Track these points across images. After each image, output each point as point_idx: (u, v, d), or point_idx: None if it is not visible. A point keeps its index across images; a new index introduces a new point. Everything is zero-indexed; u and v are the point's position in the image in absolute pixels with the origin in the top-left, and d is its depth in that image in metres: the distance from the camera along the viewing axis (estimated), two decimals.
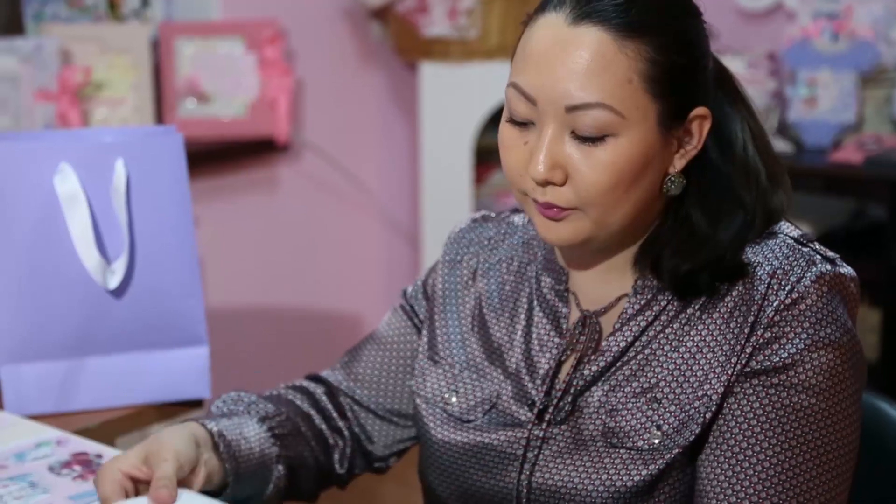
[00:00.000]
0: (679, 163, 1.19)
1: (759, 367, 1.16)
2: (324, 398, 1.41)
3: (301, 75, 3.28)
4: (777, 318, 1.16)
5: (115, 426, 1.66)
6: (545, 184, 1.16)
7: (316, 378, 1.47)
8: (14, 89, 2.74)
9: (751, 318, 1.17)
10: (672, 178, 1.19)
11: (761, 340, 1.16)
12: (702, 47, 1.19)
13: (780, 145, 2.96)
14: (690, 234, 1.20)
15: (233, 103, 3.10)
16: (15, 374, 1.64)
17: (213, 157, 3.08)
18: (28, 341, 1.63)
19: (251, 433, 1.30)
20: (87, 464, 1.45)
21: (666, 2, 1.17)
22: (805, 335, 1.15)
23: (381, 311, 3.61)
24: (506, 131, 1.19)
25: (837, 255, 1.22)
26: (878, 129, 2.95)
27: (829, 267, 1.18)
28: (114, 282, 1.63)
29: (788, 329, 1.15)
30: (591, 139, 1.14)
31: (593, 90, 1.13)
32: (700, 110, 1.18)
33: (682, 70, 1.16)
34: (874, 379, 2.80)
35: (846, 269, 1.20)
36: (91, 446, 1.50)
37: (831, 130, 2.96)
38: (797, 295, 1.16)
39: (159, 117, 3.04)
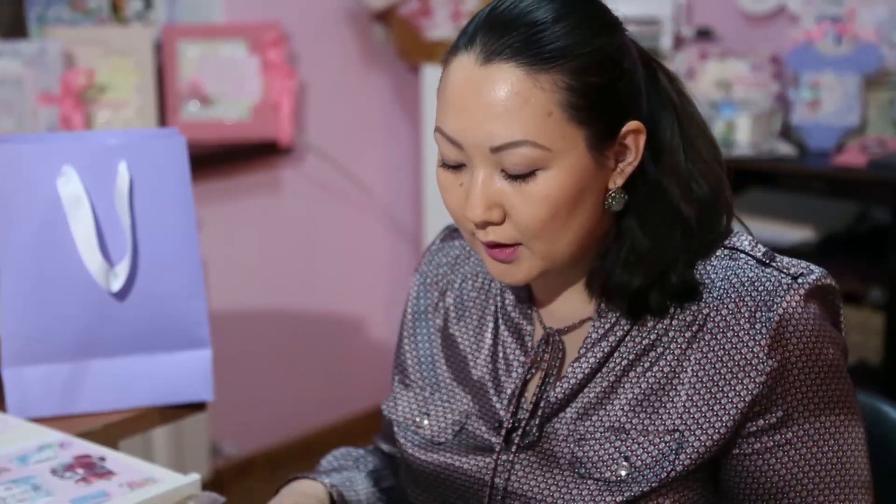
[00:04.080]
0: (619, 179, 1.17)
1: (767, 423, 1.15)
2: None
3: (304, 78, 3.28)
4: (768, 365, 1.13)
5: (118, 429, 1.66)
6: (485, 225, 1.16)
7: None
8: (17, 92, 2.74)
9: (732, 364, 1.14)
10: (613, 195, 1.17)
11: (756, 395, 1.14)
12: (622, 62, 1.15)
13: (784, 148, 2.95)
14: (632, 249, 1.18)
15: (236, 106, 3.10)
16: (18, 376, 1.64)
17: (216, 159, 3.08)
18: (31, 344, 1.63)
19: (361, 487, 1.33)
20: (90, 466, 1.45)
21: (577, 25, 1.13)
22: (803, 377, 1.14)
23: (384, 313, 3.62)
24: (441, 175, 1.18)
25: (802, 263, 1.18)
26: (882, 132, 2.95)
27: (799, 285, 1.15)
28: (117, 284, 1.63)
29: (782, 379, 1.14)
30: (522, 176, 1.13)
31: (514, 129, 1.11)
32: (632, 125, 1.16)
33: (603, 90, 1.12)
34: (877, 382, 2.80)
35: (815, 275, 1.17)
36: (94, 449, 1.50)
37: (834, 133, 2.96)
38: (780, 335, 1.13)
39: (162, 120, 3.04)
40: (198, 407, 1.73)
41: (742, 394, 1.14)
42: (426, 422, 1.29)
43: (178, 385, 1.69)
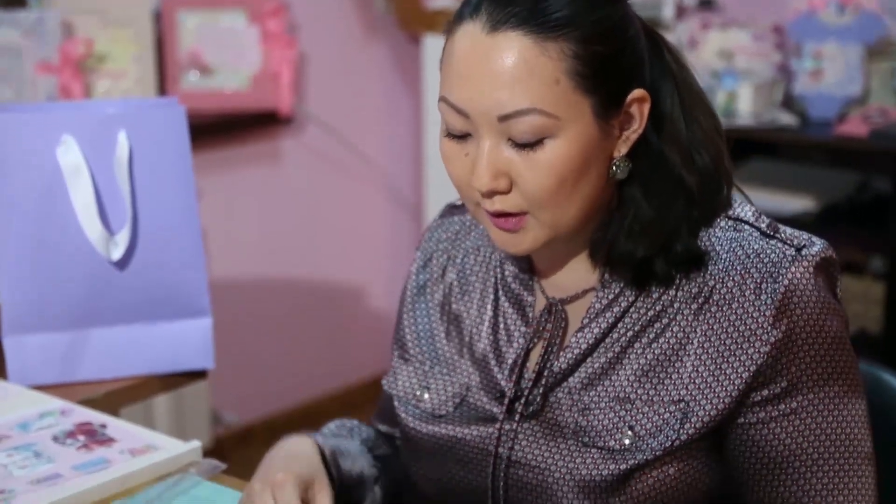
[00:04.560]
0: (623, 147, 1.17)
1: (771, 393, 1.15)
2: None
3: (304, 48, 3.27)
4: (773, 335, 1.14)
5: (118, 396, 1.67)
6: (491, 194, 1.16)
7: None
8: (16, 62, 2.74)
9: (738, 335, 1.15)
10: (617, 163, 1.17)
11: (761, 365, 1.14)
12: (627, 31, 1.15)
13: (785, 118, 2.95)
14: (635, 217, 1.18)
15: (235, 76, 3.09)
16: (18, 344, 1.64)
17: (215, 129, 3.07)
18: (31, 312, 1.63)
19: (355, 454, 1.33)
20: (91, 434, 1.45)
21: None
22: (807, 348, 1.15)
23: (384, 283, 3.62)
24: (445, 145, 1.18)
25: (804, 234, 1.19)
26: (884, 102, 2.94)
27: (803, 257, 1.15)
28: (117, 253, 1.63)
29: (787, 350, 1.14)
30: (529, 144, 1.13)
31: (522, 97, 1.11)
32: (637, 93, 1.16)
33: (609, 59, 1.13)
34: (877, 351, 2.81)
35: (818, 247, 1.17)
36: (95, 416, 1.50)
37: (836, 103, 2.95)
38: (785, 306, 1.14)
39: (162, 90, 3.03)
40: (198, 375, 1.74)
41: (746, 363, 1.15)
42: (426, 395, 1.30)
43: (179, 353, 1.69)
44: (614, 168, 1.17)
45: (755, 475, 1.17)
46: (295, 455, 1.24)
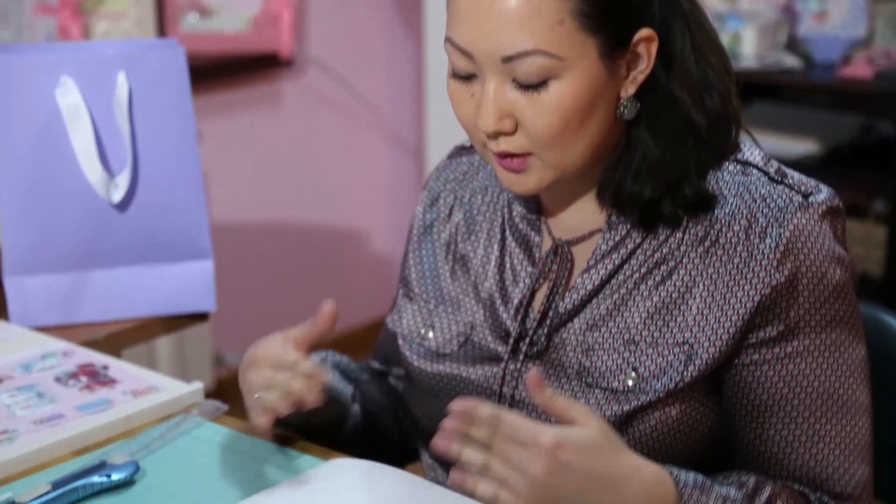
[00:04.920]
0: (631, 87, 1.16)
1: (768, 336, 1.15)
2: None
3: None
4: (775, 278, 1.14)
5: (120, 338, 1.67)
6: (496, 135, 1.15)
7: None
8: (15, 3, 2.71)
9: (741, 278, 1.15)
10: (625, 104, 1.16)
11: (759, 304, 1.14)
12: None
13: (789, 60, 2.93)
14: (643, 158, 1.18)
15: (236, 18, 3.07)
16: (19, 286, 1.64)
17: (215, 72, 3.05)
18: (32, 254, 1.63)
19: (333, 366, 1.34)
20: (93, 375, 1.46)
21: None
22: (808, 294, 1.15)
23: (385, 226, 3.62)
24: (451, 86, 1.17)
25: (812, 181, 1.19)
26: (889, 44, 2.92)
27: (809, 204, 1.15)
28: (117, 195, 1.63)
29: (787, 294, 1.14)
30: (534, 85, 1.12)
31: (525, 38, 1.10)
32: (644, 32, 1.15)
33: None
34: (879, 294, 2.81)
35: (825, 194, 1.17)
36: (97, 357, 1.51)
37: (841, 45, 2.93)
38: (789, 251, 1.14)
39: (161, 31, 3.01)
40: (200, 317, 1.74)
41: (746, 304, 1.15)
42: (431, 334, 1.30)
43: (181, 295, 1.69)
44: (621, 108, 1.17)
45: (745, 417, 1.18)
46: (261, 340, 1.22)
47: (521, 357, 1.23)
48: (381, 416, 1.38)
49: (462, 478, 1.04)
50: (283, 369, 1.17)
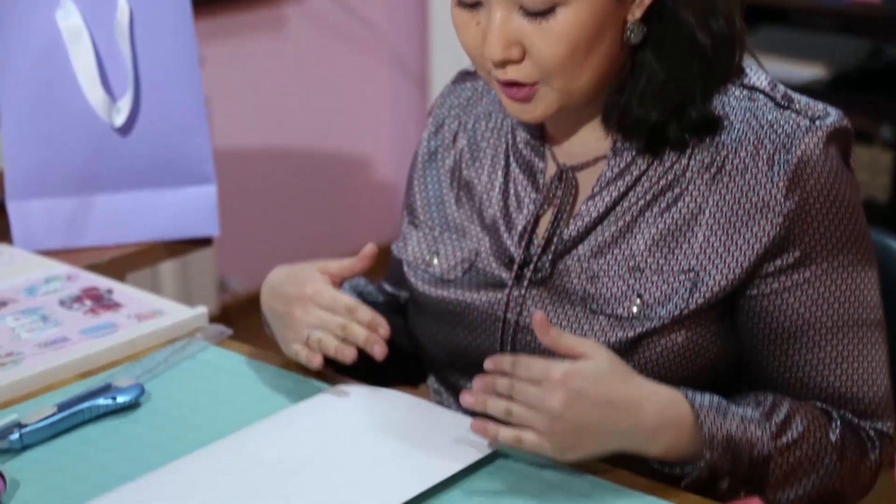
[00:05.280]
0: (637, 11, 1.15)
1: (785, 263, 1.15)
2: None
3: None
4: (786, 206, 1.13)
5: (124, 262, 1.67)
6: (503, 63, 1.14)
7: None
8: None
9: (750, 206, 1.14)
10: (631, 27, 1.15)
11: (773, 236, 1.14)
12: None
13: None
14: (649, 82, 1.16)
15: None
16: (23, 209, 1.64)
17: None
18: (35, 177, 1.63)
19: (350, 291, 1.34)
20: (97, 298, 1.46)
21: None
22: (821, 218, 1.14)
23: (388, 152, 3.61)
24: (457, 14, 1.16)
25: (819, 105, 1.18)
26: None
27: (817, 127, 1.14)
28: (119, 119, 1.62)
29: (799, 220, 1.14)
30: (541, 13, 1.11)
31: None
32: None
33: None
34: (884, 219, 2.80)
35: (832, 118, 1.16)
36: (101, 281, 1.51)
37: None
38: (798, 176, 1.13)
39: None
40: (204, 242, 1.74)
41: (759, 235, 1.14)
42: (435, 260, 1.30)
43: (184, 220, 1.69)
44: (628, 33, 1.15)
45: (767, 346, 1.18)
46: (296, 272, 1.25)
47: (524, 283, 1.23)
48: (396, 340, 1.38)
49: (483, 427, 1.06)
50: (338, 312, 1.19)
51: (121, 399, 1.23)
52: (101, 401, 1.22)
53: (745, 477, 1.11)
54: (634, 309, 1.17)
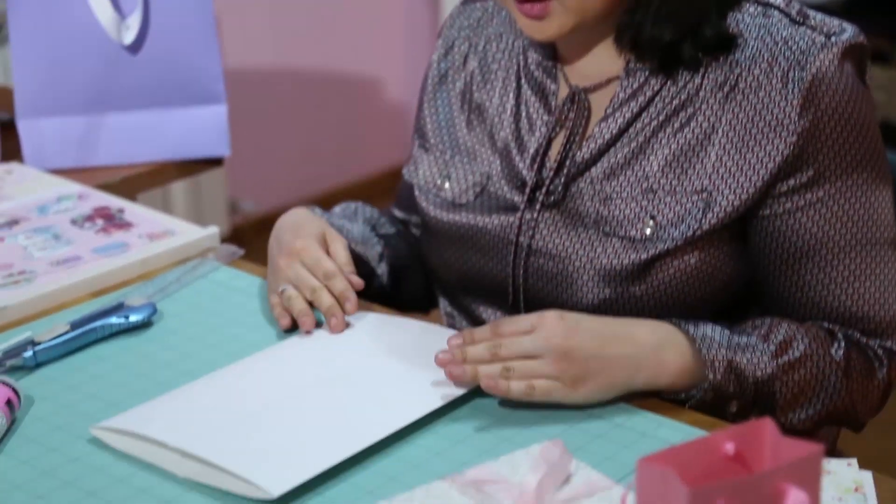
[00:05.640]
0: None
1: (798, 183, 1.14)
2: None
3: None
4: (800, 125, 1.12)
5: (135, 182, 1.67)
6: None
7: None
8: None
9: (764, 125, 1.14)
10: None
11: (787, 155, 1.13)
12: None
13: None
14: (663, 0, 1.15)
15: None
16: (33, 127, 1.64)
17: None
18: (45, 96, 1.62)
19: (356, 231, 1.33)
20: (109, 218, 1.46)
21: None
22: (835, 136, 1.13)
23: (401, 73, 3.58)
24: None
25: (835, 21, 1.16)
26: None
27: (832, 44, 1.13)
28: (129, 37, 1.61)
29: (813, 139, 1.13)
30: None
31: None
32: None
33: None
34: (890, 138, 2.78)
35: (848, 34, 1.15)
36: (112, 201, 1.51)
37: None
38: (812, 94, 1.12)
39: None
40: (215, 162, 1.74)
41: (772, 154, 1.14)
42: (447, 184, 1.29)
43: (195, 140, 1.69)
44: None
45: (781, 266, 1.18)
46: (300, 223, 1.25)
47: (537, 207, 1.22)
48: (407, 271, 1.39)
49: (493, 385, 1.06)
50: (315, 275, 1.20)
51: (133, 318, 1.23)
52: (114, 319, 1.22)
53: (753, 400, 1.12)
54: (648, 231, 1.17)
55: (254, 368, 1.16)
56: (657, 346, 1.09)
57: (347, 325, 1.20)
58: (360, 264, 1.30)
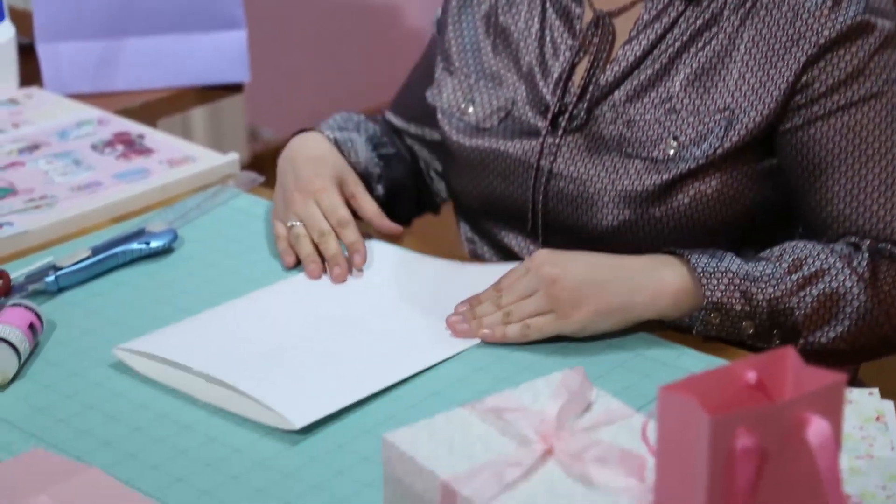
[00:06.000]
0: None
1: (817, 93, 1.13)
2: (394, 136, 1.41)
3: None
4: (823, 35, 1.12)
5: (155, 108, 1.67)
6: None
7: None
8: None
9: (786, 39, 1.13)
10: None
11: (808, 67, 1.12)
12: None
13: None
14: None
15: None
16: (52, 52, 1.63)
17: None
18: (63, 19, 1.61)
19: (361, 149, 1.32)
20: (129, 143, 1.45)
21: None
22: (856, 48, 1.12)
23: None
24: None
25: None
26: None
27: None
28: None
29: (837, 46, 1.12)
30: None
31: None
32: None
33: None
34: None
35: None
36: (132, 126, 1.50)
37: None
38: (837, 4, 1.11)
39: None
40: (234, 89, 1.73)
41: (793, 67, 1.13)
42: (471, 109, 1.28)
43: (214, 65, 1.68)
44: None
45: (808, 179, 1.16)
46: (319, 158, 1.25)
47: (559, 132, 1.22)
48: (403, 192, 1.38)
49: (490, 335, 1.09)
50: (328, 219, 1.20)
51: (154, 244, 1.23)
52: (135, 245, 1.22)
53: (770, 322, 1.10)
54: (671, 151, 1.17)
55: (277, 298, 1.16)
56: (652, 268, 1.10)
57: (357, 271, 1.20)
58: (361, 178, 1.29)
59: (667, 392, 0.74)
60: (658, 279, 1.09)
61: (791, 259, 1.11)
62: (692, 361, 1.07)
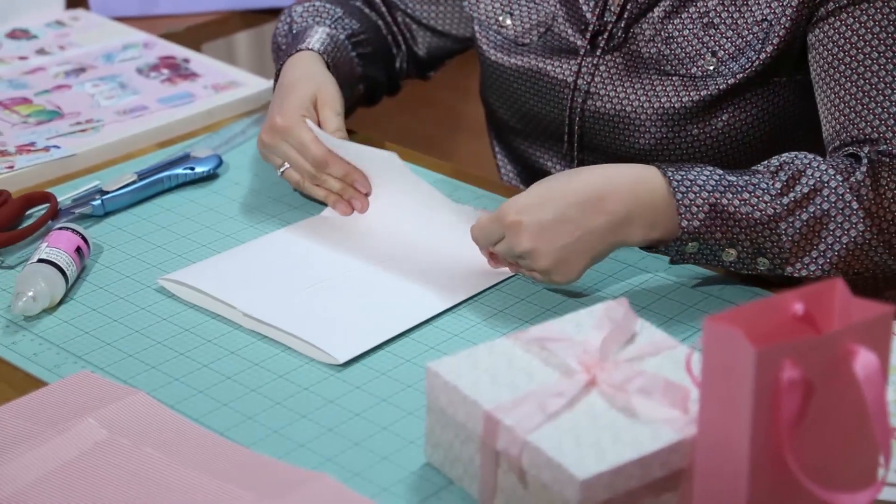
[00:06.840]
0: None
1: None
2: (384, 9, 1.38)
3: None
4: None
5: (200, 32, 1.66)
6: None
7: None
8: None
9: None
10: None
11: None
12: None
13: None
14: None
15: None
16: None
17: None
18: None
19: (345, 55, 1.29)
20: (174, 67, 1.45)
21: None
22: None
23: None
24: None
25: None
26: None
27: None
28: None
29: None
30: None
31: None
32: None
33: None
34: None
35: None
36: (178, 50, 1.50)
37: None
38: None
39: None
40: (279, 12, 1.71)
41: None
42: (508, 21, 1.27)
43: None
44: None
45: (823, 79, 1.14)
46: (293, 83, 1.20)
47: (598, 51, 1.21)
48: (380, 89, 1.37)
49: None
50: (307, 160, 1.16)
51: (199, 169, 1.23)
52: (180, 170, 1.23)
53: (757, 248, 1.05)
54: (710, 67, 1.16)
55: (315, 230, 1.16)
56: (633, 205, 1.03)
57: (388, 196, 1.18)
58: (345, 87, 1.25)
59: (712, 323, 0.74)
60: (649, 225, 1.04)
61: (787, 176, 1.05)
62: (736, 293, 1.07)
